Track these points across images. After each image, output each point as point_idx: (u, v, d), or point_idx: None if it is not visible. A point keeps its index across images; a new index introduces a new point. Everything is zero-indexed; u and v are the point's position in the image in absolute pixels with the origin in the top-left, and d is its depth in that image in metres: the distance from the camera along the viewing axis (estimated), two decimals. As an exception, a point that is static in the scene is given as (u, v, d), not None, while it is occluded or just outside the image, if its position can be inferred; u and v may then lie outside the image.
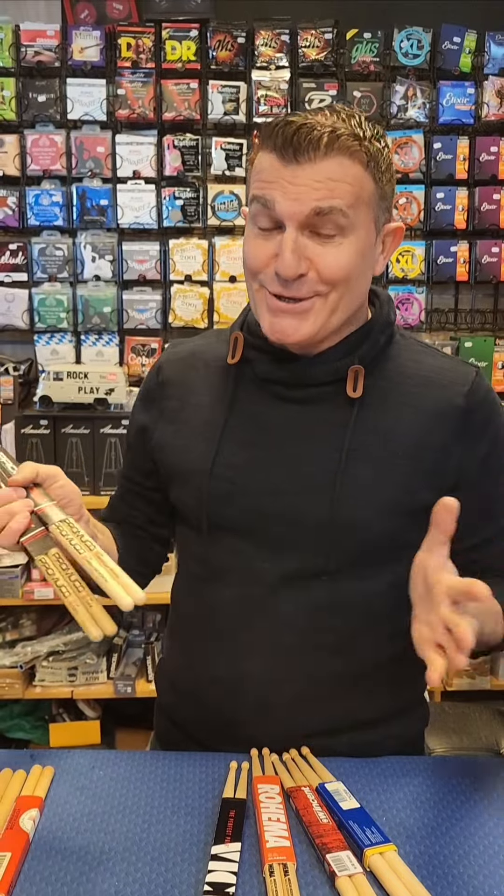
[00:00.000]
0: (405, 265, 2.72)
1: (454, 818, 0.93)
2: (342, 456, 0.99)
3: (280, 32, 2.62)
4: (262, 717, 1.03)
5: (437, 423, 1.01)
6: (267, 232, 0.95)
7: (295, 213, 0.91)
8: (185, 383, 1.10)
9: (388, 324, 1.04)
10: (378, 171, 0.95)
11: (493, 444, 1.03)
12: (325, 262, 0.92)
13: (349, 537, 0.99)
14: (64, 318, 2.69)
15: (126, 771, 1.01)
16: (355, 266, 0.94)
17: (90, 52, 2.60)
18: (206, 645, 1.07)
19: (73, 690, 2.56)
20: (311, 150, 0.89)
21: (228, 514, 1.02)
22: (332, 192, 0.90)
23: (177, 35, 2.62)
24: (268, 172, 0.93)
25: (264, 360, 1.03)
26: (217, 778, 1.00)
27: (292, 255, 0.91)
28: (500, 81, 2.65)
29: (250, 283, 0.99)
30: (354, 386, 1.00)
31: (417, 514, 1.01)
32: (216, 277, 2.70)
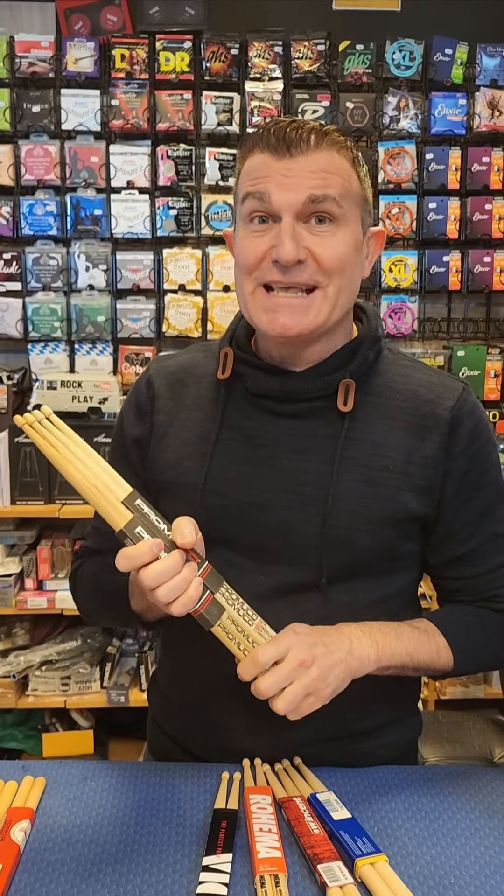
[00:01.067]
0: (398, 274, 2.73)
1: (445, 828, 0.93)
2: (333, 470, 1.00)
3: (273, 44, 2.64)
4: (256, 728, 1.03)
5: (425, 436, 1.02)
6: (261, 228, 0.96)
7: (291, 203, 0.93)
8: (174, 398, 1.09)
9: (377, 339, 1.06)
10: (361, 173, 1.00)
11: (478, 457, 1.04)
12: (322, 250, 0.95)
13: (341, 551, 1.00)
14: (58, 328, 2.70)
15: (117, 782, 1.01)
16: (350, 256, 0.97)
17: (84, 63, 2.61)
18: (199, 657, 1.06)
19: (66, 700, 2.55)
20: (303, 143, 0.93)
21: (221, 529, 1.02)
22: (326, 181, 0.94)
23: (171, 46, 2.63)
24: (260, 169, 0.95)
25: (255, 374, 1.03)
26: (209, 789, 1.00)
27: (291, 240, 0.93)
28: (491, 93, 2.67)
29: (244, 284, 0.98)
30: (345, 400, 1.01)
31: (407, 526, 1.03)
32: (210, 287, 2.71)
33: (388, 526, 1.01)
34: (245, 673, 0.87)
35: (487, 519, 1.06)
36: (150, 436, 1.10)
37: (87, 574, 1.15)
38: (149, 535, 0.85)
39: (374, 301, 2.75)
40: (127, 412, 1.14)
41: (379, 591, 1.04)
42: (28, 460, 2.47)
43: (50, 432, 0.87)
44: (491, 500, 1.06)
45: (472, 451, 1.03)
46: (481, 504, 1.05)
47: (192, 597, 0.85)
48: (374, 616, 1.02)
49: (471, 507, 1.04)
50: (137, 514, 0.85)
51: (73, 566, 1.20)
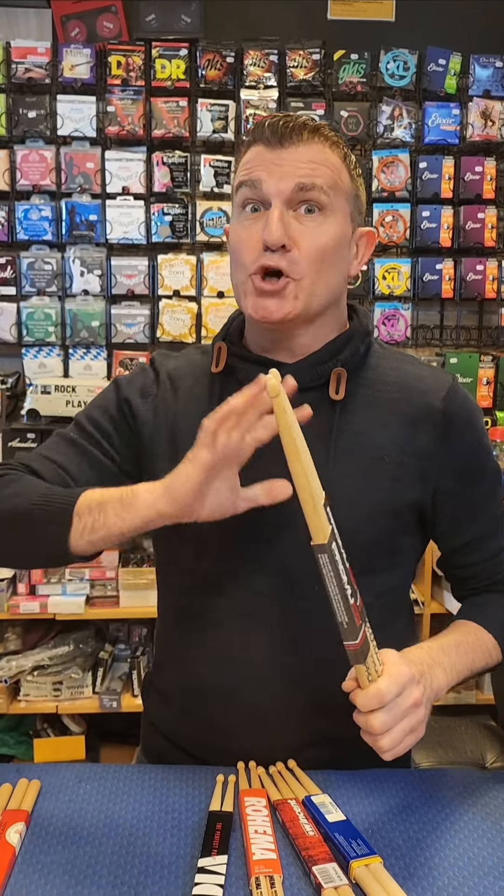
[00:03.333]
0: (391, 282, 2.74)
1: (439, 830, 0.93)
2: (328, 461, 1.01)
3: (268, 52, 2.66)
4: (254, 728, 1.04)
5: (418, 427, 1.03)
6: (253, 216, 0.99)
7: (281, 190, 0.97)
8: (173, 391, 1.11)
9: (367, 333, 1.08)
10: (353, 170, 1.02)
11: (473, 446, 1.06)
12: (305, 239, 0.97)
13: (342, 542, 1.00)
14: (52, 332, 2.70)
15: (112, 784, 1.01)
16: (332, 248, 0.99)
17: (80, 70, 2.62)
18: (198, 656, 1.07)
19: (57, 705, 2.54)
20: (294, 135, 0.98)
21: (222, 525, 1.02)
22: (314, 172, 0.97)
23: (166, 54, 2.65)
24: (254, 160, 0.99)
25: (248, 368, 1.04)
26: (204, 791, 1.00)
27: (278, 223, 0.96)
28: (484, 103, 2.70)
29: (236, 272, 1.02)
30: (337, 389, 1.02)
31: (404, 517, 1.04)
32: (204, 293, 2.72)
33: (386, 516, 1.02)
34: (365, 706, 0.85)
35: (487, 502, 1.09)
36: (152, 415, 1.09)
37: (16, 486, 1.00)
38: (341, 560, 0.83)
39: (367, 308, 2.76)
40: (127, 384, 1.11)
41: (378, 587, 1.04)
42: (21, 465, 2.46)
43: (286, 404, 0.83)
44: (489, 484, 1.10)
45: (467, 441, 1.05)
46: (481, 489, 1.08)
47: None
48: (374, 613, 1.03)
49: (472, 493, 1.07)
50: (332, 527, 0.83)
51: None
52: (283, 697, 1.03)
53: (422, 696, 0.88)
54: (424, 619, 2.54)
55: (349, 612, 0.83)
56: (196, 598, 1.06)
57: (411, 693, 0.86)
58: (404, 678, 0.86)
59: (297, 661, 1.02)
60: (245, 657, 1.03)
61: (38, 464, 1.07)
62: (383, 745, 0.85)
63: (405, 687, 0.86)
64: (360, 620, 0.85)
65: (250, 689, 1.03)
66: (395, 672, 0.86)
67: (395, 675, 0.86)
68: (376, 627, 1.04)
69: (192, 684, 1.08)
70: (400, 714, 0.85)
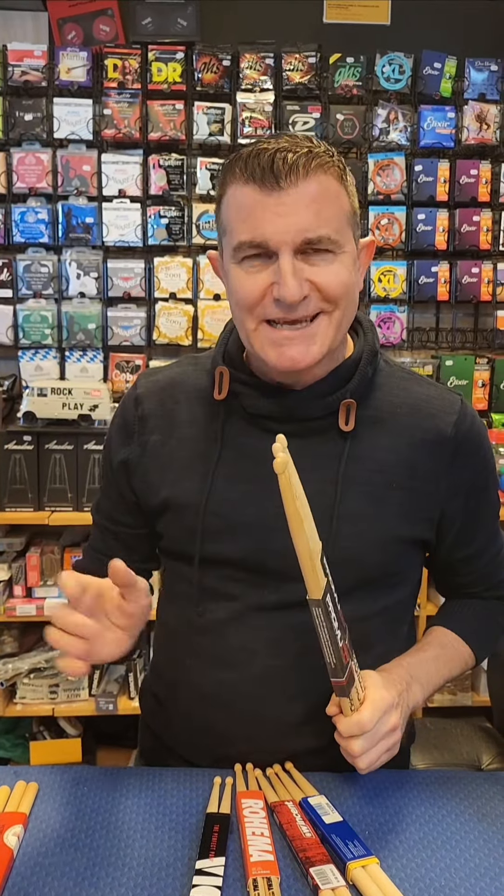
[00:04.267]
0: (387, 285, 2.75)
1: (436, 831, 0.94)
2: (337, 489, 1.00)
3: (264, 56, 2.66)
4: (252, 734, 1.04)
5: (428, 452, 1.03)
6: (257, 265, 0.93)
7: (287, 242, 0.91)
8: (166, 416, 1.08)
9: (375, 353, 1.05)
10: (348, 185, 0.97)
11: (480, 468, 1.07)
12: (324, 279, 0.92)
13: (346, 570, 0.99)
14: (48, 335, 2.70)
15: (110, 786, 1.01)
16: (351, 280, 0.96)
17: (77, 73, 2.63)
18: (197, 663, 1.07)
19: (54, 708, 2.54)
20: (292, 174, 0.90)
21: (222, 550, 1.02)
22: (319, 215, 0.91)
23: (163, 57, 2.65)
24: (251, 208, 0.91)
25: (253, 395, 1.02)
26: (201, 794, 1.00)
27: (294, 278, 0.90)
28: (479, 106, 2.70)
29: (245, 321, 0.96)
30: (347, 419, 1.00)
31: (411, 542, 1.05)
32: (200, 295, 2.72)
33: (393, 543, 1.02)
34: (346, 733, 0.90)
35: (489, 515, 1.11)
36: (139, 456, 1.08)
37: None
38: (334, 610, 0.87)
39: (363, 311, 2.76)
40: (114, 434, 1.12)
41: (381, 602, 1.05)
42: (18, 467, 2.47)
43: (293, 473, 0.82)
44: (492, 496, 1.11)
45: (476, 462, 1.06)
46: (485, 505, 1.09)
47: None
48: (373, 627, 1.05)
49: (477, 511, 1.08)
50: (328, 578, 0.86)
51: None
52: (282, 704, 1.04)
53: (399, 719, 0.94)
54: (420, 620, 2.54)
55: (338, 654, 0.88)
56: (196, 606, 1.06)
57: (389, 719, 0.92)
58: (385, 704, 0.91)
59: (296, 668, 1.03)
60: (245, 664, 1.04)
61: (87, 557, 1.19)
62: (360, 765, 0.91)
63: (385, 713, 0.91)
64: (348, 659, 0.90)
65: (250, 696, 1.03)
66: (376, 698, 0.91)
67: (376, 703, 0.91)
68: (379, 639, 1.06)
69: (190, 691, 1.08)
70: (377, 738, 0.91)
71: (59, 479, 2.48)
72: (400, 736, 0.95)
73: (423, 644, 1.10)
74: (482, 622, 1.15)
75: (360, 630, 1.02)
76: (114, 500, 1.13)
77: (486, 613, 1.16)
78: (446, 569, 1.15)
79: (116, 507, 1.13)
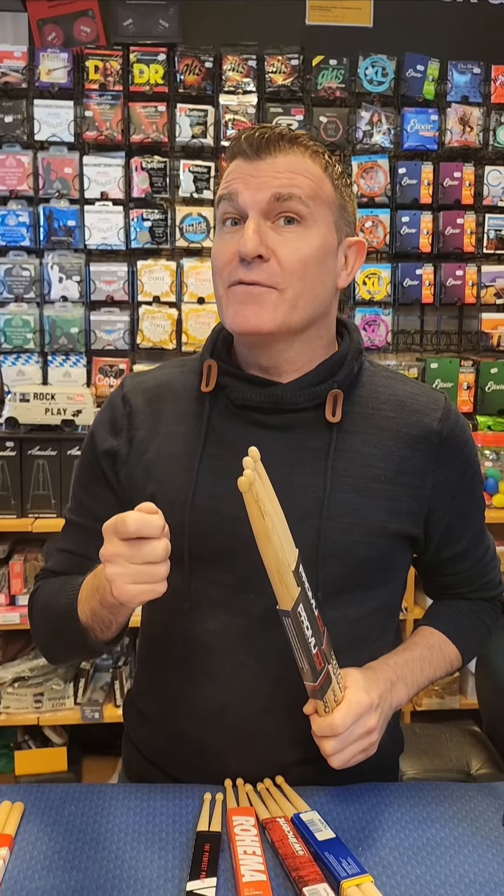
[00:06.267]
0: (372, 287, 2.74)
1: (430, 846, 0.92)
2: (326, 482, 1.00)
3: (247, 57, 2.65)
4: (242, 749, 1.02)
5: (415, 447, 1.03)
6: (232, 230, 0.98)
7: (257, 201, 0.95)
8: (153, 413, 1.07)
9: (360, 351, 1.06)
10: (337, 180, 1.00)
11: (465, 465, 1.07)
12: (284, 250, 0.95)
13: (337, 564, 0.99)
14: (30, 339, 2.67)
15: (97, 805, 0.99)
16: (314, 259, 0.97)
17: (57, 74, 2.60)
18: (185, 676, 1.05)
19: (38, 717, 2.51)
20: (271, 146, 0.96)
21: (211, 546, 1.01)
22: (292, 181, 0.95)
23: (144, 58, 2.63)
24: (233, 173, 0.98)
25: (240, 386, 1.02)
26: (191, 811, 0.98)
27: (254, 233, 0.94)
28: (462, 109, 2.70)
29: (218, 286, 1.00)
30: (333, 411, 1.01)
31: (399, 535, 1.04)
32: (184, 299, 2.70)
33: (382, 536, 1.02)
34: (319, 732, 0.91)
35: (475, 513, 1.11)
36: (127, 452, 1.07)
37: (43, 597, 1.09)
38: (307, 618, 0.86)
39: (348, 313, 2.76)
40: (99, 428, 1.10)
41: (370, 603, 1.04)
42: (0, 473, 2.44)
43: (261, 487, 0.81)
44: (477, 495, 1.12)
45: (461, 459, 1.06)
46: (471, 503, 1.10)
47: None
48: (366, 627, 1.04)
49: (463, 508, 1.08)
50: (302, 588, 0.86)
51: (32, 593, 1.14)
52: (273, 718, 1.02)
53: (377, 721, 0.94)
54: (408, 624, 2.53)
55: (311, 660, 0.88)
56: (183, 618, 1.04)
57: (366, 721, 0.92)
58: (361, 708, 0.92)
59: (287, 680, 1.01)
60: (233, 677, 1.02)
61: (57, 561, 1.13)
62: (332, 763, 0.92)
63: (360, 716, 0.92)
64: (322, 664, 0.90)
65: (238, 710, 1.02)
66: (354, 701, 0.92)
67: (352, 705, 0.91)
68: (368, 641, 1.05)
69: (177, 705, 1.06)
70: (351, 740, 0.92)
71: (42, 486, 2.46)
72: (378, 737, 0.95)
73: (410, 643, 1.10)
74: (469, 623, 1.16)
75: (350, 633, 1.02)
76: (98, 496, 1.10)
77: (473, 614, 1.16)
78: (433, 569, 1.15)
79: (100, 504, 1.09)
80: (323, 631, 0.90)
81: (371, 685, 0.95)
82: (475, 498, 1.11)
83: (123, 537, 0.83)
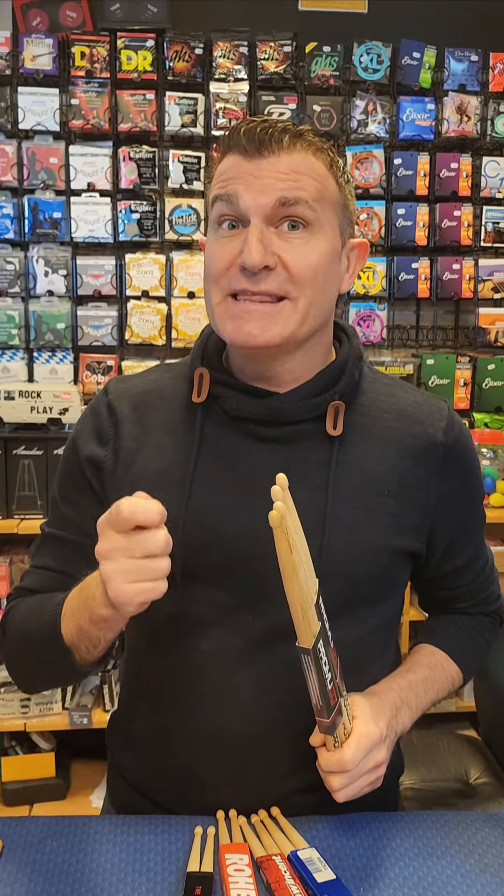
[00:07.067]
0: (366, 281, 2.68)
1: (437, 883, 0.87)
2: (327, 497, 0.94)
3: (238, 44, 2.58)
4: (237, 778, 0.96)
5: (418, 458, 0.98)
6: (230, 234, 0.91)
7: (260, 206, 0.88)
8: (141, 422, 1.01)
9: (360, 358, 1.01)
10: (341, 178, 0.94)
11: (469, 476, 1.04)
12: (292, 257, 0.89)
13: (339, 583, 0.93)
14: (15, 335, 2.60)
15: (81, 841, 0.93)
16: (324, 266, 0.91)
17: (42, 61, 2.52)
18: (175, 700, 0.99)
19: (25, 723, 2.46)
20: (274, 143, 0.88)
21: (205, 565, 0.95)
22: (298, 184, 0.88)
23: (132, 45, 2.55)
24: (230, 171, 0.90)
25: (234, 396, 0.96)
26: (181, 846, 0.92)
27: (258, 243, 0.87)
28: (459, 97, 2.64)
29: (212, 294, 0.93)
30: (335, 423, 0.95)
31: (403, 552, 1.00)
32: (174, 293, 2.63)
33: (385, 553, 0.97)
34: (327, 768, 0.87)
35: (476, 524, 1.08)
36: (113, 463, 1.00)
37: (19, 616, 1.00)
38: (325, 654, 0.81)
39: (342, 309, 2.69)
40: (82, 435, 1.03)
41: (372, 621, 1.00)
42: (-15, 474, 2.38)
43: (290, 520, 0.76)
44: (479, 507, 1.08)
45: (465, 470, 1.02)
46: (473, 514, 1.06)
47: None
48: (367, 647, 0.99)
49: (467, 519, 1.04)
50: (322, 622, 0.81)
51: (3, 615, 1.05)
52: (270, 746, 0.96)
53: (385, 755, 0.90)
54: (403, 626, 2.49)
55: (325, 697, 0.83)
56: (173, 637, 0.98)
57: (375, 755, 0.88)
58: (371, 742, 0.87)
59: (285, 706, 0.95)
60: (228, 701, 0.96)
61: (34, 579, 1.04)
62: (337, 798, 0.88)
63: (370, 750, 0.87)
64: (336, 699, 0.85)
65: (233, 737, 0.96)
66: (364, 734, 0.87)
67: (362, 739, 0.87)
68: (371, 661, 1.01)
69: (167, 731, 1.00)
70: (359, 775, 0.87)
71: (28, 486, 2.40)
72: (384, 770, 0.91)
73: (412, 664, 1.06)
74: (470, 640, 1.12)
75: (352, 653, 0.96)
76: (82, 508, 1.02)
77: (474, 630, 1.12)
78: (433, 582, 1.10)
79: (85, 515, 1.01)
80: (337, 662, 0.85)
81: (379, 714, 0.90)
82: (476, 509, 1.07)
83: (119, 529, 0.77)
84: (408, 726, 0.98)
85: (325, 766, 0.87)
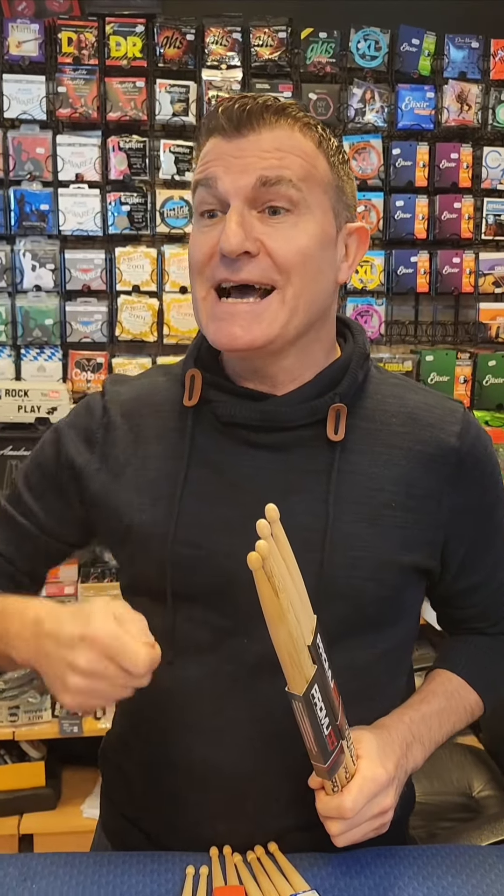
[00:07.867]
0: (364, 276, 2.61)
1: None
2: (328, 509, 0.87)
3: (231, 30, 2.50)
4: (231, 812, 0.90)
5: (429, 467, 0.90)
6: (211, 222, 0.84)
7: (240, 188, 0.82)
8: (131, 430, 0.94)
9: (365, 357, 0.93)
10: (334, 157, 0.86)
11: (487, 486, 0.95)
12: (276, 242, 0.82)
13: (342, 605, 0.86)
14: (2, 331, 2.53)
15: (63, 883, 0.86)
16: (314, 252, 0.84)
17: (28, 47, 2.44)
18: (165, 729, 0.92)
19: (14, 731, 2.39)
20: (254, 120, 0.82)
21: (196, 584, 0.88)
22: (281, 162, 0.82)
23: (121, 30, 2.47)
24: (210, 154, 0.85)
25: (228, 400, 0.89)
26: (171, 887, 0.85)
27: (237, 227, 0.80)
28: (459, 86, 2.57)
29: (196, 287, 0.87)
30: (336, 428, 0.88)
31: (413, 569, 0.92)
32: (166, 288, 2.56)
33: (394, 571, 0.89)
34: (325, 813, 0.81)
35: (495, 538, 0.98)
36: (97, 470, 0.94)
37: None
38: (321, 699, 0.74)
39: (339, 304, 2.62)
40: (70, 431, 0.96)
41: (381, 646, 0.92)
42: (-30, 475, 2.32)
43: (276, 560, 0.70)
44: (499, 518, 0.98)
45: (483, 479, 0.94)
46: (491, 527, 0.97)
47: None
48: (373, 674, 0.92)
49: (483, 533, 0.95)
50: (318, 664, 0.74)
51: None
52: (266, 778, 0.89)
53: (393, 800, 0.83)
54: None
55: (321, 742, 0.76)
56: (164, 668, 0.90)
57: (381, 801, 0.82)
58: (376, 786, 0.81)
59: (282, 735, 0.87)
60: (221, 731, 0.89)
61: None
62: (337, 843, 0.82)
63: (375, 795, 0.81)
64: (335, 742, 0.77)
65: (227, 768, 0.89)
66: (368, 777, 0.80)
67: (366, 783, 0.80)
68: (377, 690, 0.93)
69: (159, 760, 0.93)
70: (361, 821, 0.81)
71: (15, 488, 2.33)
72: (391, 816, 0.83)
73: (426, 693, 0.97)
74: (490, 664, 1.03)
75: (358, 682, 0.89)
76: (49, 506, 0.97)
77: (493, 652, 1.04)
78: (447, 601, 1.02)
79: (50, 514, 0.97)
80: (339, 702, 0.78)
81: (387, 754, 0.83)
82: (496, 521, 0.97)
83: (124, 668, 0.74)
84: (420, 763, 0.90)
85: (323, 811, 0.80)
